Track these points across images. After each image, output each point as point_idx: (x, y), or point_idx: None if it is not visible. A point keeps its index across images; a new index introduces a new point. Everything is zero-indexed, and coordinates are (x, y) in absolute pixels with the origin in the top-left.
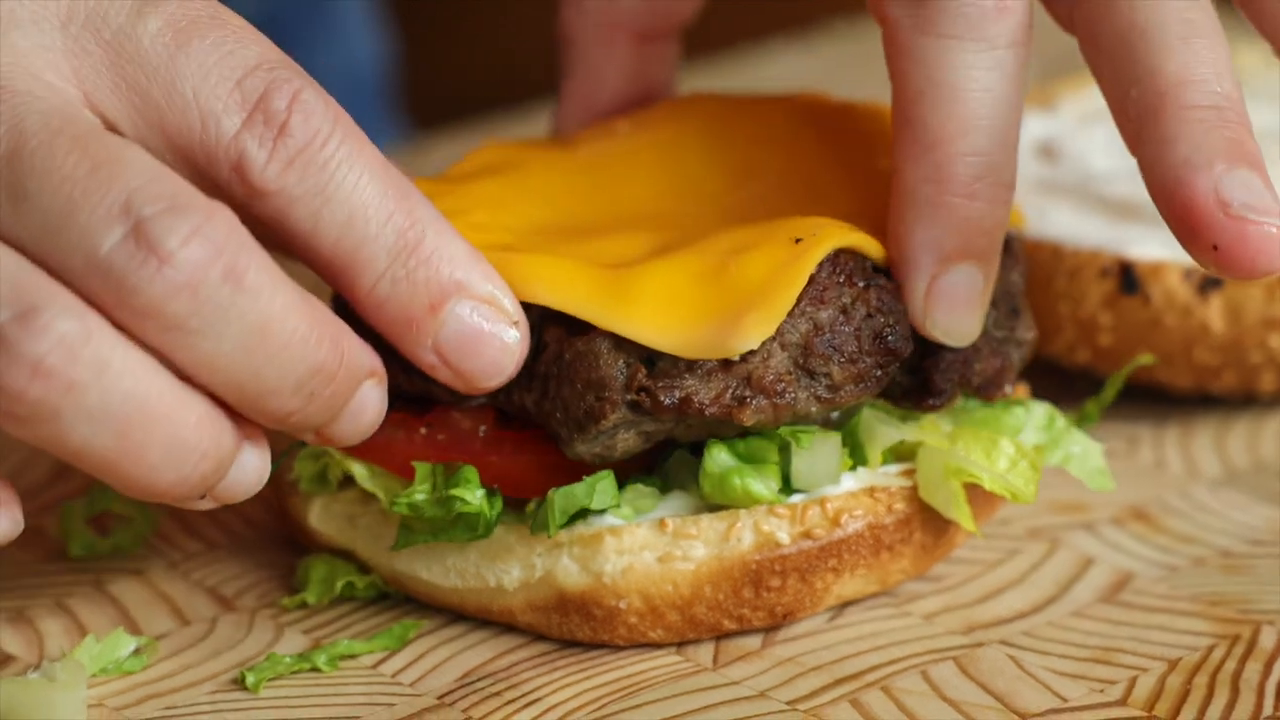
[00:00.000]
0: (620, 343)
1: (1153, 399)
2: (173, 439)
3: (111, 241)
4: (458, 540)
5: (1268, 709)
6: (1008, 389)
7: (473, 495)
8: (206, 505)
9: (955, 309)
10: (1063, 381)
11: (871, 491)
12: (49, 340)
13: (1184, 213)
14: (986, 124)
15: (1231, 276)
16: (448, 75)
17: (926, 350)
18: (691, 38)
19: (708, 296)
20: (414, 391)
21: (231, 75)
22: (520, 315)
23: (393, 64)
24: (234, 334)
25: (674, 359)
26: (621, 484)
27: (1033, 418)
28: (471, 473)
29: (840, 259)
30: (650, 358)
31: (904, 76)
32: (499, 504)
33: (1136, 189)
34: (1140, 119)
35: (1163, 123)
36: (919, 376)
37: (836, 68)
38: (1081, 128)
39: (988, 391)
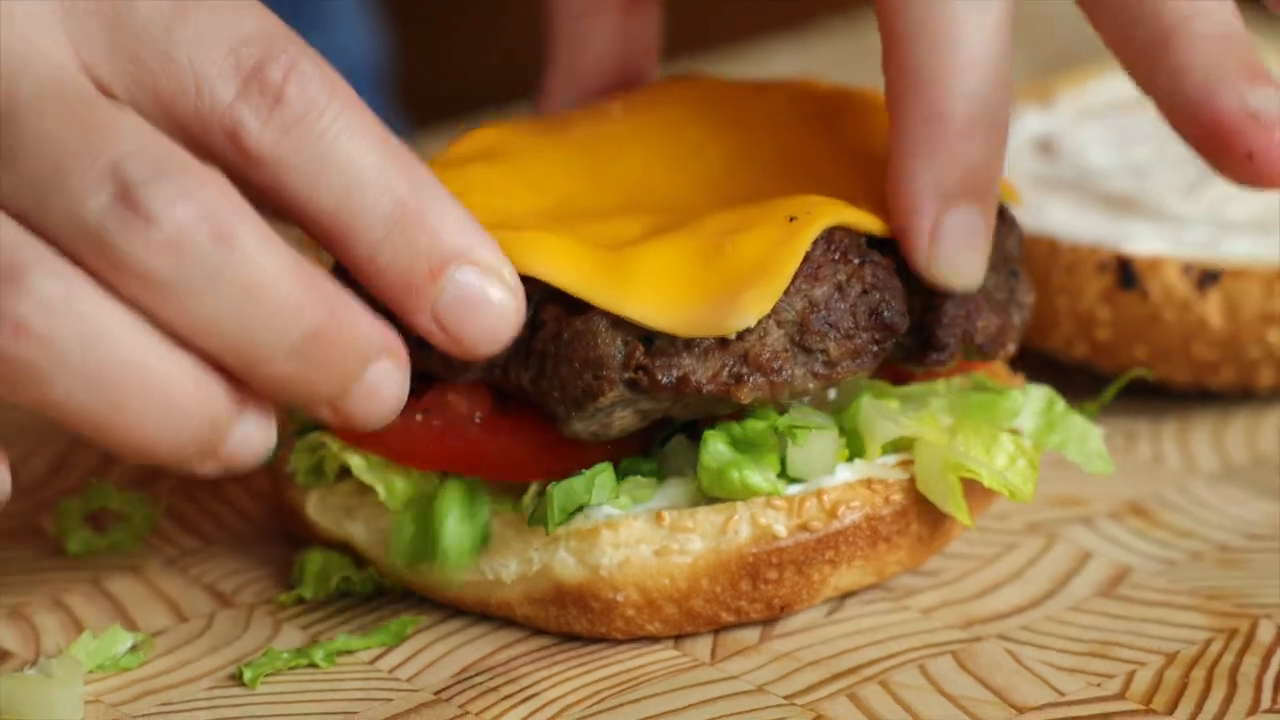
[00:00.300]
0: (618, 322)
1: (1150, 394)
2: (161, 397)
3: (99, 203)
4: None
5: (1265, 702)
6: (1010, 348)
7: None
8: (212, 470)
9: (960, 250)
10: (1060, 376)
11: (869, 483)
12: (32, 300)
13: (1212, 126)
14: (979, 66)
15: (1268, 185)
16: (444, 73)
17: (928, 306)
18: (688, 36)
19: (704, 276)
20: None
21: (228, 44)
22: (518, 284)
23: (388, 60)
24: (223, 295)
25: (671, 338)
26: (617, 463)
27: (1031, 402)
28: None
29: (835, 236)
30: (648, 336)
31: (894, 26)
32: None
33: (1134, 184)
34: (1150, 54)
35: (1174, 53)
36: (921, 333)
37: (832, 66)
38: (1079, 123)
39: (990, 350)
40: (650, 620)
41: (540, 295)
